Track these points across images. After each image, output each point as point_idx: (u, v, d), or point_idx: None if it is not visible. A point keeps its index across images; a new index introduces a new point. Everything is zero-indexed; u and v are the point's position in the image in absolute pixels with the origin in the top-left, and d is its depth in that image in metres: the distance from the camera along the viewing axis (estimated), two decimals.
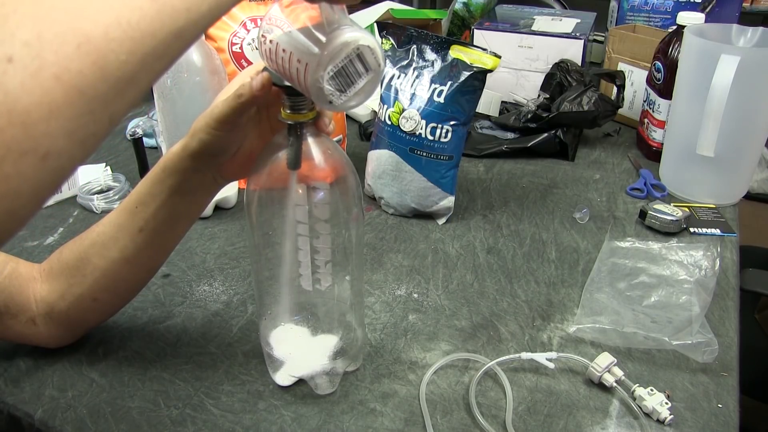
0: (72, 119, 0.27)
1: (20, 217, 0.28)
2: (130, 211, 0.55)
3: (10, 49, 0.26)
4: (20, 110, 0.26)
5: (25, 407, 0.57)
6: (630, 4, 1.41)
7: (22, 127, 0.26)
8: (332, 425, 0.55)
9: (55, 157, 0.28)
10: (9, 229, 0.28)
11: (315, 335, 0.60)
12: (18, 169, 0.27)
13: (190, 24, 0.31)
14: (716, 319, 0.69)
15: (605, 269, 0.75)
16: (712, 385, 0.60)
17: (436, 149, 0.84)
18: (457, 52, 0.83)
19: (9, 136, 0.26)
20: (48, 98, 0.26)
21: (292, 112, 0.49)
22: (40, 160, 0.27)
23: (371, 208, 0.91)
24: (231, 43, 0.90)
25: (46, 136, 0.27)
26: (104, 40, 0.28)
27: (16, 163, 0.26)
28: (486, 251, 0.81)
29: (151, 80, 0.31)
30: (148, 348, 0.64)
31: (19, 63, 0.26)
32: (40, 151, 0.27)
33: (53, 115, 0.27)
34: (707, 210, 0.90)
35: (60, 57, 0.27)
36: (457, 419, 0.56)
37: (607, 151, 1.11)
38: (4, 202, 0.27)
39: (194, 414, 0.56)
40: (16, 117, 0.26)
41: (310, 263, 0.54)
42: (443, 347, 0.64)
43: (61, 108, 0.27)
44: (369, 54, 0.43)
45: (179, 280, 0.74)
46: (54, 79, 0.26)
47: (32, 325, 0.59)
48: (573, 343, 0.65)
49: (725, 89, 0.81)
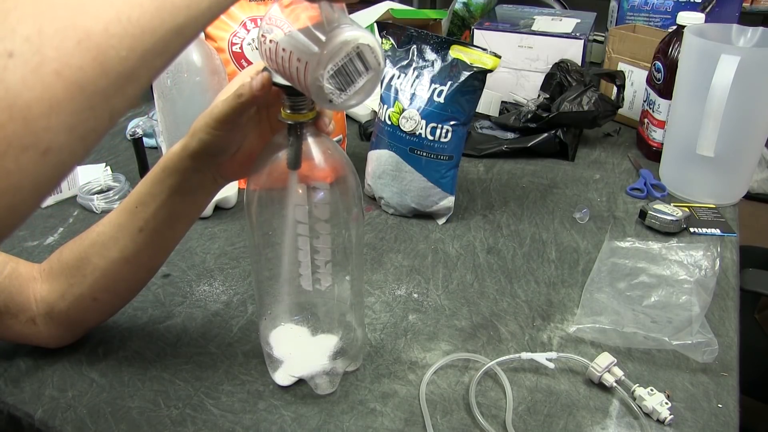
0: (73, 114, 0.28)
1: (21, 213, 0.29)
2: (130, 211, 0.55)
3: (11, 45, 0.26)
4: (21, 105, 0.26)
5: (25, 407, 0.57)
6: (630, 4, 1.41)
7: (23, 122, 0.26)
8: (332, 425, 0.55)
9: (55, 153, 0.28)
10: (10, 224, 0.29)
11: (315, 335, 0.60)
12: (19, 165, 0.27)
13: (190, 21, 0.31)
14: (716, 319, 0.69)
15: (605, 269, 0.75)
16: (712, 385, 0.60)
17: (436, 149, 0.84)
18: (457, 52, 0.83)
19: (10, 131, 0.26)
20: (49, 93, 0.27)
21: (292, 112, 0.49)
22: (41, 155, 0.27)
23: (371, 208, 0.91)
24: (231, 43, 0.90)
25: (47, 132, 0.27)
26: (104, 36, 0.28)
27: (17, 158, 0.26)
28: (486, 251, 0.81)
29: (151, 77, 0.31)
30: (148, 348, 0.64)
31: (19, 58, 0.26)
32: (41, 147, 0.27)
33: (54, 110, 0.27)
34: (707, 210, 0.90)
35: (61, 53, 0.27)
36: (457, 419, 0.56)
37: (607, 151, 1.11)
38: (5, 197, 0.27)
39: (194, 414, 0.56)
40: (17, 112, 0.26)
41: (310, 263, 0.54)
42: (443, 347, 0.64)
43: (62, 103, 0.27)
44: (369, 53, 0.43)
45: (179, 280, 0.74)
46: (55, 75, 0.27)
47: (32, 325, 0.59)
48: (573, 343, 0.65)
49: (725, 89, 0.81)
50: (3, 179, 0.26)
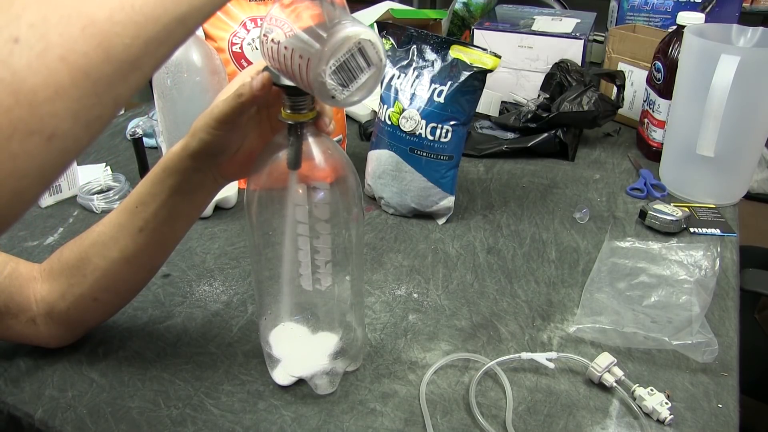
0: (77, 100, 0.28)
1: (26, 199, 0.29)
2: (130, 211, 0.55)
3: (16, 31, 0.26)
4: (26, 90, 0.26)
5: (25, 407, 0.57)
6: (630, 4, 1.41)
7: (29, 107, 0.27)
8: (332, 425, 0.55)
9: (60, 139, 0.28)
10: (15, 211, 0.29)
11: (315, 335, 0.60)
12: (24, 149, 0.27)
13: (193, 10, 0.31)
14: (716, 319, 0.69)
15: (605, 269, 0.75)
16: (712, 385, 0.60)
17: (436, 149, 0.84)
18: (457, 52, 0.83)
19: (16, 116, 0.26)
20: (54, 79, 0.27)
21: (293, 112, 0.49)
22: (46, 140, 0.28)
23: (371, 208, 0.91)
24: (231, 43, 0.90)
25: (52, 117, 0.27)
26: (109, 22, 0.28)
27: (23, 142, 0.27)
28: (486, 251, 0.81)
29: (154, 65, 0.31)
30: (148, 348, 0.64)
31: (25, 44, 0.26)
32: (46, 132, 0.27)
33: (59, 95, 0.27)
34: (707, 210, 0.90)
35: (65, 38, 0.27)
36: (457, 419, 0.56)
37: (607, 151, 1.11)
38: (11, 181, 0.27)
39: (194, 414, 0.56)
40: (22, 97, 0.26)
41: (310, 263, 0.54)
42: (443, 347, 0.64)
43: (67, 89, 0.27)
44: (370, 48, 0.43)
45: (179, 280, 0.74)
46: (59, 60, 0.27)
47: (32, 325, 0.59)
48: (573, 343, 0.65)
49: (725, 89, 0.81)
50: (9, 163, 0.27)
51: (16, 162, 0.27)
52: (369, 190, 0.93)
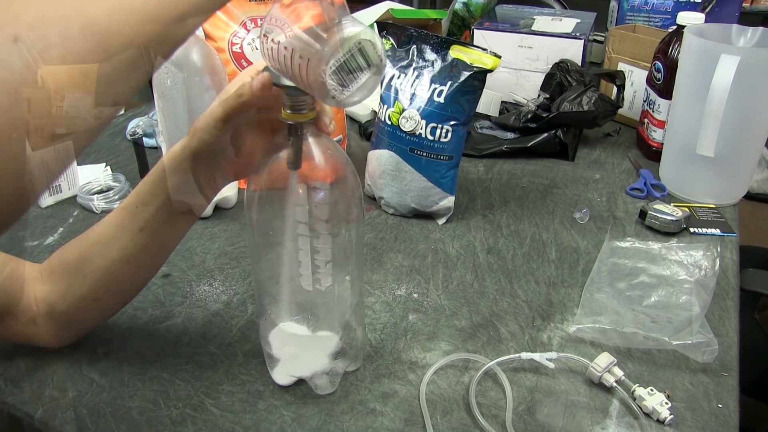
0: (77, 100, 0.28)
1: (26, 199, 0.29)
2: (130, 211, 0.55)
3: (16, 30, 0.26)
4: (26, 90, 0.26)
5: (25, 407, 0.57)
6: (630, 4, 1.41)
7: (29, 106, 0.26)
8: (332, 425, 0.55)
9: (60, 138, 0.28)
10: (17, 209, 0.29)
11: (315, 335, 0.60)
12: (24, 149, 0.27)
13: (192, 10, 0.31)
14: (716, 319, 0.69)
15: (605, 269, 0.75)
16: (712, 385, 0.60)
17: (436, 149, 0.84)
18: (457, 52, 0.83)
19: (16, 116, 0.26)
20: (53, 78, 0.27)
21: (293, 112, 0.49)
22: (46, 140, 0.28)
23: (371, 208, 0.91)
24: (231, 43, 0.90)
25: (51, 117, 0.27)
26: (108, 22, 0.28)
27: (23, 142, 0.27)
28: (486, 251, 0.81)
29: (153, 65, 0.31)
30: (148, 348, 0.64)
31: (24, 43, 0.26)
32: (46, 132, 0.27)
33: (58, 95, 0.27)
34: (707, 210, 0.90)
35: (65, 38, 0.27)
36: (457, 419, 0.56)
37: (607, 151, 1.11)
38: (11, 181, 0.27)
39: (194, 414, 0.56)
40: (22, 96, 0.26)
41: (310, 263, 0.54)
42: (443, 347, 0.64)
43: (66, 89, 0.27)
44: (370, 48, 0.43)
45: (179, 280, 0.74)
46: (59, 60, 0.27)
47: (32, 325, 0.59)
48: (573, 343, 0.65)
49: (725, 89, 0.81)
50: (9, 162, 0.27)
51: (16, 162, 0.27)
52: (369, 190, 0.93)
